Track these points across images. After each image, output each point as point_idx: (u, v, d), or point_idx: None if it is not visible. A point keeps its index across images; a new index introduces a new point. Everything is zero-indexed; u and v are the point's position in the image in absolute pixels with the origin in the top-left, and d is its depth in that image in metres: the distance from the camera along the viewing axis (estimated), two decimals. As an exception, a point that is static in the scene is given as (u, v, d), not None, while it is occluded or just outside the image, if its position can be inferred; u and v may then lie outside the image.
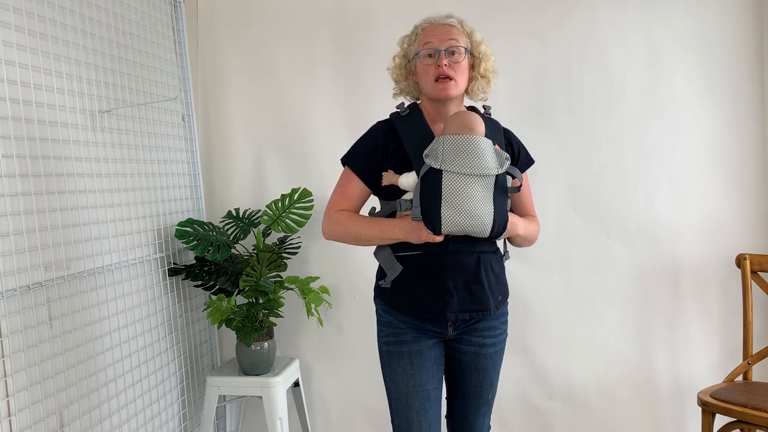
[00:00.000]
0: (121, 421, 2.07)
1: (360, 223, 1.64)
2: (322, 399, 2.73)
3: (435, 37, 1.62)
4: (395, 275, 1.63)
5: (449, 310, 1.59)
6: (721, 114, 2.48)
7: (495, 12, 2.54)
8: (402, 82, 1.73)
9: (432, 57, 1.61)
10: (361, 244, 1.67)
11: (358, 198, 1.69)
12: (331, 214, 1.68)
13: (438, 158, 1.47)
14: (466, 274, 1.60)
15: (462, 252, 1.60)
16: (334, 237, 1.69)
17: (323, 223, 1.70)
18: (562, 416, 2.61)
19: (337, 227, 1.66)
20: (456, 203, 1.44)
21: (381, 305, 1.71)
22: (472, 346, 1.67)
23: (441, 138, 1.49)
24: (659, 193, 2.53)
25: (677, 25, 2.48)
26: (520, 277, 2.58)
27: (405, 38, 1.72)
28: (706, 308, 2.54)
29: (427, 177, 1.48)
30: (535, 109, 2.56)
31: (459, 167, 1.45)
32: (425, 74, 1.63)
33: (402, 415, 1.66)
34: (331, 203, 1.70)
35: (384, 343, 1.68)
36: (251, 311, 2.34)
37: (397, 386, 1.66)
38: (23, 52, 1.73)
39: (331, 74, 2.64)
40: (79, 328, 1.89)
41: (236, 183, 2.73)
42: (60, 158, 1.84)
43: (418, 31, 1.68)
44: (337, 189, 1.71)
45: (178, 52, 2.60)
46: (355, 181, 1.67)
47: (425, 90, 1.65)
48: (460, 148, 1.46)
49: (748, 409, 2.03)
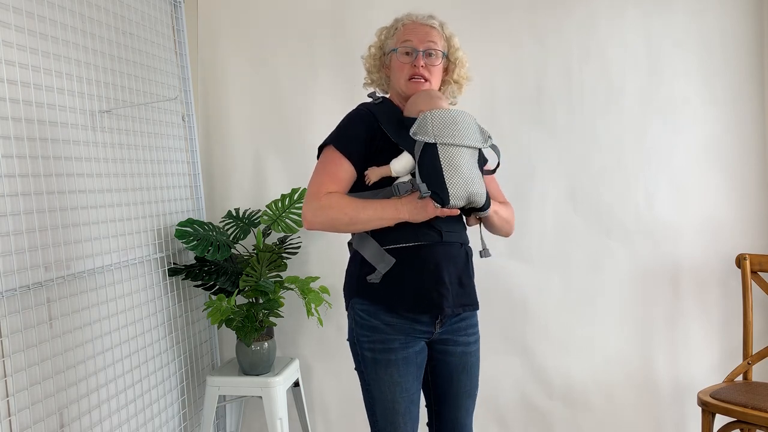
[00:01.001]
0: (121, 421, 2.07)
1: (355, 204, 1.53)
2: (322, 399, 2.73)
3: (415, 36, 1.62)
4: (387, 269, 1.57)
5: (446, 304, 1.57)
6: (721, 114, 2.48)
7: (495, 12, 2.55)
8: (374, 74, 1.72)
9: (409, 55, 1.62)
10: (352, 229, 1.57)
11: (348, 182, 1.58)
12: (318, 197, 1.54)
13: (429, 133, 1.49)
14: (458, 267, 1.61)
15: (453, 244, 1.60)
16: (321, 222, 1.54)
17: (306, 210, 1.55)
18: (562, 416, 2.61)
19: (329, 210, 1.52)
20: (456, 173, 1.47)
21: (363, 305, 1.61)
22: (459, 346, 1.66)
23: (428, 113, 1.51)
24: (659, 193, 2.53)
25: (677, 25, 2.48)
26: (520, 277, 2.58)
27: (383, 30, 1.72)
28: (706, 308, 2.54)
29: (424, 153, 1.48)
30: (535, 109, 2.56)
31: (451, 138, 1.48)
32: (400, 71, 1.63)
33: (387, 419, 1.63)
34: (316, 185, 1.56)
35: (368, 350, 1.60)
36: (251, 311, 2.34)
37: (383, 393, 1.61)
38: (23, 52, 1.73)
39: (331, 74, 2.65)
40: (79, 328, 1.89)
41: (236, 183, 2.73)
42: (60, 158, 1.84)
43: (398, 26, 1.67)
44: (321, 172, 1.58)
45: (178, 52, 2.60)
46: (345, 164, 1.57)
47: (397, 85, 1.66)
48: (448, 121, 1.50)
49: (748, 409, 2.03)
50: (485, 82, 2.51)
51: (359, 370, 1.66)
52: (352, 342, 1.66)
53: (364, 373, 1.65)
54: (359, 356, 1.64)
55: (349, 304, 1.67)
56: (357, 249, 1.64)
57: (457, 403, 1.70)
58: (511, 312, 2.59)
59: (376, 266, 1.59)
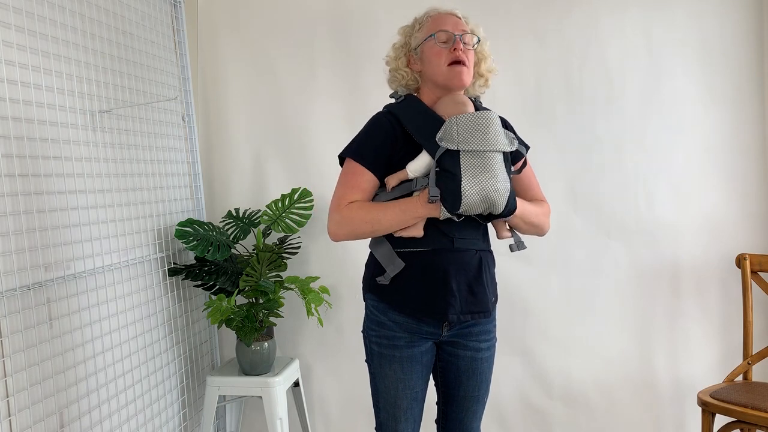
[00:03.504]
0: (121, 421, 2.07)
1: (376, 209, 1.54)
2: (322, 399, 2.73)
3: (448, 24, 1.61)
4: (396, 272, 1.58)
5: (452, 312, 1.57)
6: (721, 114, 2.48)
7: (495, 12, 2.54)
8: (401, 70, 1.67)
9: (446, 42, 1.60)
10: (378, 234, 1.58)
11: (370, 191, 1.59)
12: (340, 209, 1.56)
13: (454, 140, 1.47)
14: (469, 274, 1.59)
15: (466, 251, 1.59)
16: (346, 232, 1.57)
17: (331, 220, 1.58)
18: (562, 416, 2.61)
19: (352, 221, 1.55)
20: (473, 181, 1.45)
21: (373, 301, 1.65)
22: (469, 350, 1.66)
23: (454, 119, 1.49)
24: (659, 193, 2.53)
25: (677, 25, 2.48)
26: (520, 277, 2.58)
27: (407, 28, 1.70)
28: (706, 308, 2.54)
29: (445, 158, 1.47)
30: (535, 109, 2.56)
31: (475, 144, 1.46)
32: (438, 58, 1.59)
33: (389, 412, 1.67)
34: (337, 198, 1.59)
35: (376, 344, 1.65)
36: (251, 311, 2.34)
37: (387, 388, 1.65)
38: (23, 52, 1.73)
39: (330, 74, 2.64)
40: (79, 328, 1.89)
41: (236, 183, 2.73)
42: (60, 158, 1.84)
43: (425, 19, 1.65)
44: (343, 183, 1.60)
45: (178, 52, 2.60)
46: (367, 174, 1.58)
47: (435, 76, 1.61)
48: (475, 126, 1.48)
49: (748, 409, 2.03)
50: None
51: (368, 362, 1.70)
52: (364, 334, 1.70)
53: (371, 365, 1.69)
54: (368, 349, 1.69)
55: (364, 297, 1.71)
56: (371, 248, 1.66)
57: (464, 405, 1.71)
58: (511, 312, 2.59)
59: (386, 268, 1.60)
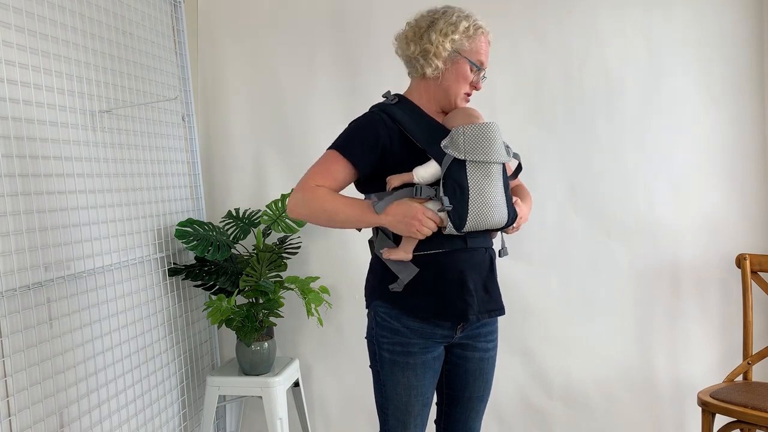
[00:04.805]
0: (121, 421, 2.07)
1: (339, 202, 1.52)
2: (322, 399, 2.73)
3: (485, 55, 1.61)
4: (410, 278, 1.55)
5: (471, 312, 1.55)
6: (721, 113, 2.48)
7: (495, 12, 2.53)
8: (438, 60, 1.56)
9: (475, 73, 1.60)
10: (331, 225, 1.57)
11: (342, 182, 1.56)
12: (308, 186, 1.53)
13: (461, 149, 1.47)
14: (482, 273, 1.59)
15: (478, 250, 1.59)
16: (303, 212, 1.54)
17: (293, 197, 1.55)
18: (561, 416, 2.61)
19: (312, 202, 1.52)
20: (481, 196, 1.47)
21: (385, 309, 1.60)
22: (478, 351, 1.66)
23: (461, 128, 1.49)
24: (659, 193, 2.53)
25: (677, 25, 2.48)
26: (519, 277, 2.58)
27: (462, 28, 1.56)
28: (706, 308, 2.54)
29: (452, 168, 1.47)
30: (535, 109, 2.56)
31: (481, 155, 1.47)
32: (463, 83, 1.59)
33: (399, 419, 1.64)
34: (308, 178, 1.55)
35: (387, 351, 1.60)
36: (251, 311, 2.34)
37: (398, 395, 1.61)
38: (23, 52, 1.73)
39: (330, 74, 2.64)
40: (79, 328, 1.89)
41: (236, 183, 2.73)
42: (60, 158, 1.84)
43: (475, 31, 1.58)
44: (318, 167, 1.56)
45: (178, 52, 2.60)
46: (346, 167, 1.54)
47: (447, 94, 1.59)
48: (481, 137, 1.48)
49: (748, 409, 2.03)
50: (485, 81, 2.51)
51: (375, 369, 1.66)
52: (371, 341, 1.65)
53: (380, 372, 1.64)
54: (377, 356, 1.63)
55: (370, 305, 1.66)
56: (379, 254, 1.61)
57: (469, 406, 1.71)
58: (511, 312, 2.56)
59: (398, 274, 1.56)
